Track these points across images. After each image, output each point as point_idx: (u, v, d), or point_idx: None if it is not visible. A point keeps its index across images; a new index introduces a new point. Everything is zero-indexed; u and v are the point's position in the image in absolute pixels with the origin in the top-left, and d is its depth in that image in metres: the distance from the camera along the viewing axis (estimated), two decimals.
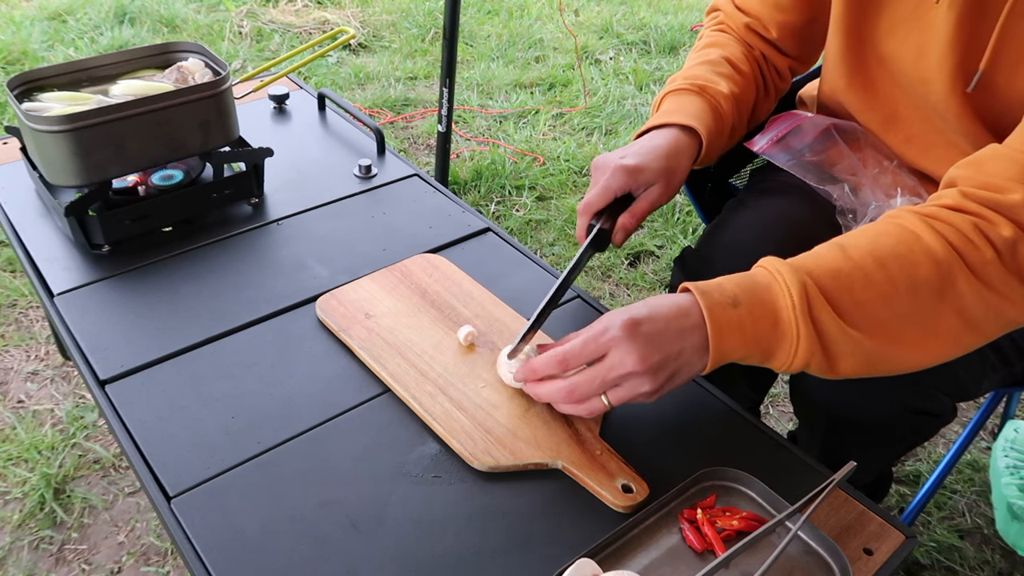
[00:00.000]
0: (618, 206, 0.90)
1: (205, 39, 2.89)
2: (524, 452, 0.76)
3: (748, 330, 0.69)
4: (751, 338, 0.69)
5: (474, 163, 2.27)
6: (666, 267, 1.95)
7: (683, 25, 3.20)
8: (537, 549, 0.69)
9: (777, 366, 0.71)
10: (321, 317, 0.91)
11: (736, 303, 0.69)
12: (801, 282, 0.68)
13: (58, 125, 0.93)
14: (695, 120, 0.92)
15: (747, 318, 0.69)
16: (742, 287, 0.70)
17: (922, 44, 0.84)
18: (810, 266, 0.70)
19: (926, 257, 0.69)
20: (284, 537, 0.69)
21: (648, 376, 0.69)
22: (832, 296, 0.68)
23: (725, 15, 1.04)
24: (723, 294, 0.70)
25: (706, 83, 0.95)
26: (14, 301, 1.71)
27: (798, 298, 0.68)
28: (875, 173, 0.96)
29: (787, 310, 0.68)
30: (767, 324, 0.69)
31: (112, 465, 1.38)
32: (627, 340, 0.69)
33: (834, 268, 0.70)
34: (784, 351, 0.69)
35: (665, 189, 0.90)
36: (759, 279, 0.71)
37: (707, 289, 0.70)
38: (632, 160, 0.88)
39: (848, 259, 0.70)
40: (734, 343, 0.69)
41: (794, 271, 0.69)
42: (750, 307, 0.69)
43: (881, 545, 0.71)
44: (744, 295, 0.70)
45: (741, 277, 0.72)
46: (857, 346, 0.69)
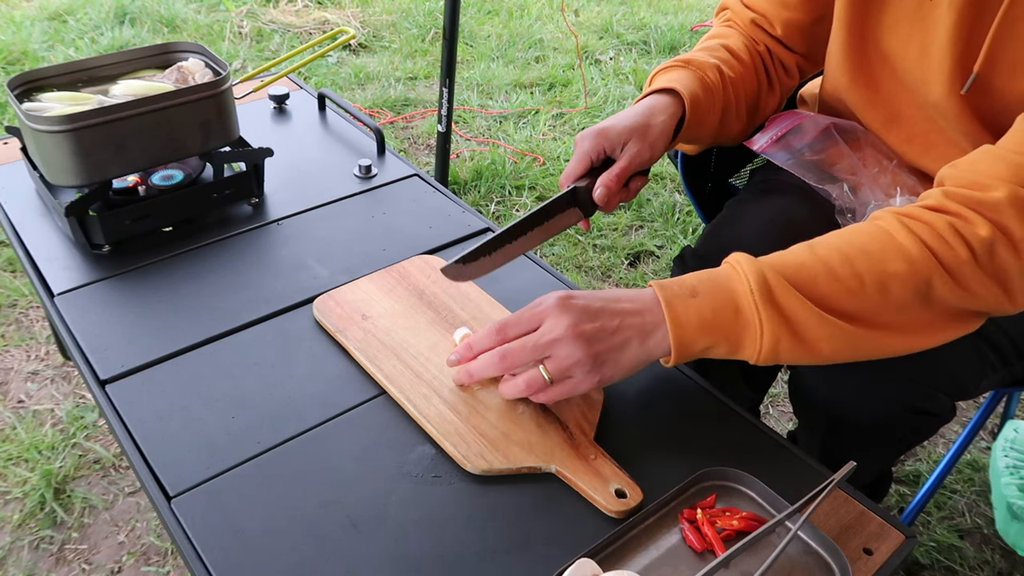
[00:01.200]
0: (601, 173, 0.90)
1: (205, 39, 2.89)
2: (517, 456, 0.75)
3: (708, 319, 0.70)
4: (712, 327, 0.70)
5: (474, 163, 2.27)
6: (666, 267, 1.95)
7: (683, 25, 3.20)
8: (537, 549, 0.69)
9: (749, 356, 0.72)
10: (318, 318, 0.91)
11: (694, 293, 0.71)
12: (759, 270, 0.70)
13: (58, 125, 0.93)
14: (675, 83, 0.92)
15: (706, 307, 0.70)
16: (701, 279, 0.72)
17: (924, 43, 0.84)
18: (773, 260, 0.71)
19: (897, 255, 0.69)
20: (284, 537, 0.69)
21: (580, 344, 0.71)
22: (797, 284, 0.69)
23: (732, 12, 1.05)
24: (682, 286, 0.72)
25: (693, 58, 0.97)
26: (14, 301, 1.71)
27: (756, 284, 0.69)
28: (875, 173, 0.96)
29: (745, 296, 0.69)
30: (728, 313, 0.70)
31: (112, 465, 1.38)
32: (560, 308, 0.72)
33: (797, 262, 0.71)
34: (750, 339, 0.70)
35: (642, 144, 0.90)
36: (720, 272, 0.73)
37: (666, 283, 0.72)
38: (600, 124, 0.91)
39: (813, 255, 0.71)
40: (693, 332, 0.70)
41: (754, 262, 0.71)
42: (709, 296, 0.71)
43: (881, 545, 0.71)
44: (703, 286, 0.71)
45: (703, 272, 0.73)
46: (834, 328, 0.69)
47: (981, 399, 1.31)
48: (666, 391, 0.86)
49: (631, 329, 0.71)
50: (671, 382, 0.87)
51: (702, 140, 1.00)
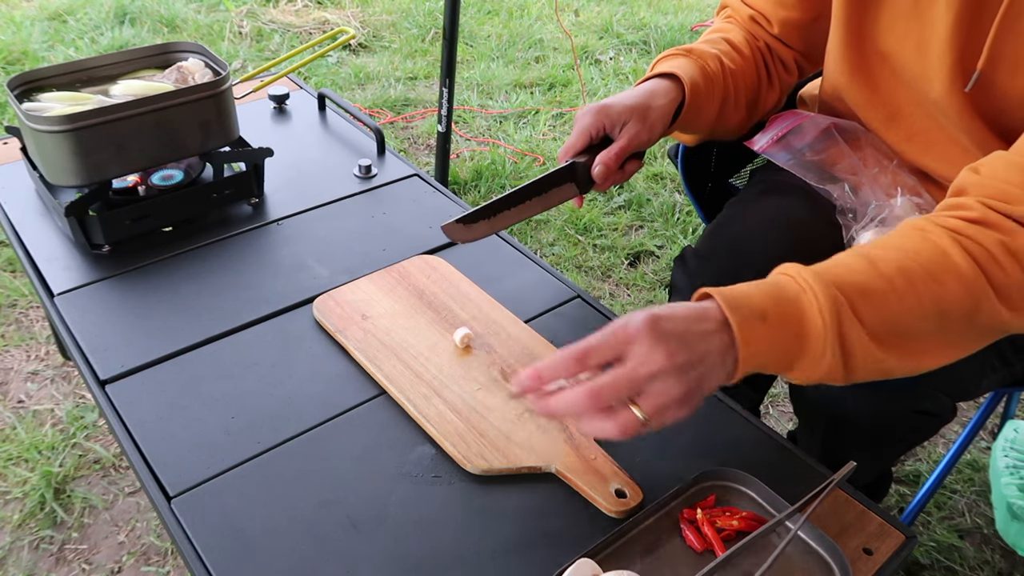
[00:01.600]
0: (600, 150, 0.90)
1: (205, 39, 2.89)
2: (518, 456, 0.75)
3: (777, 346, 0.65)
4: (778, 354, 0.66)
5: (474, 163, 2.27)
6: (666, 267, 1.95)
7: (683, 25, 3.20)
8: (537, 549, 0.69)
9: (794, 377, 0.68)
10: (318, 318, 0.91)
11: (764, 316, 0.65)
12: (833, 298, 0.65)
13: (58, 125, 0.93)
14: (676, 69, 0.93)
15: (776, 334, 0.65)
16: (770, 298, 0.66)
17: (922, 41, 0.84)
18: (841, 279, 0.66)
19: (954, 278, 0.66)
20: (284, 537, 0.69)
21: (677, 376, 0.62)
22: (862, 314, 0.65)
23: (732, 9, 1.05)
24: (751, 307, 0.65)
25: (694, 47, 0.97)
26: (14, 301, 1.71)
27: (830, 317, 0.64)
28: (875, 172, 0.96)
29: (817, 327, 0.64)
30: (795, 339, 0.65)
31: (112, 465, 1.38)
32: (651, 334, 0.62)
33: (864, 284, 0.66)
34: (807, 364, 0.66)
35: (641, 125, 0.90)
36: (787, 289, 0.66)
37: (734, 301, 0.65)
38: (602, 101, 0.90)
39: (879, 275, 0.67)
40: (761, 360, 0.65)
41: (825, 285, 0.65)
42: (780, 322, 0.65)
43: (881, 545, 0.71)
44: (772, 308, 0.65)
45: (768, 287, 0.67)
46: (877, 363, 0.67)
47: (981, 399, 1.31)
48: None
49: (715, 354, 0.64)
50: None
51: (700, 129, 1.00)
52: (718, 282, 0.96)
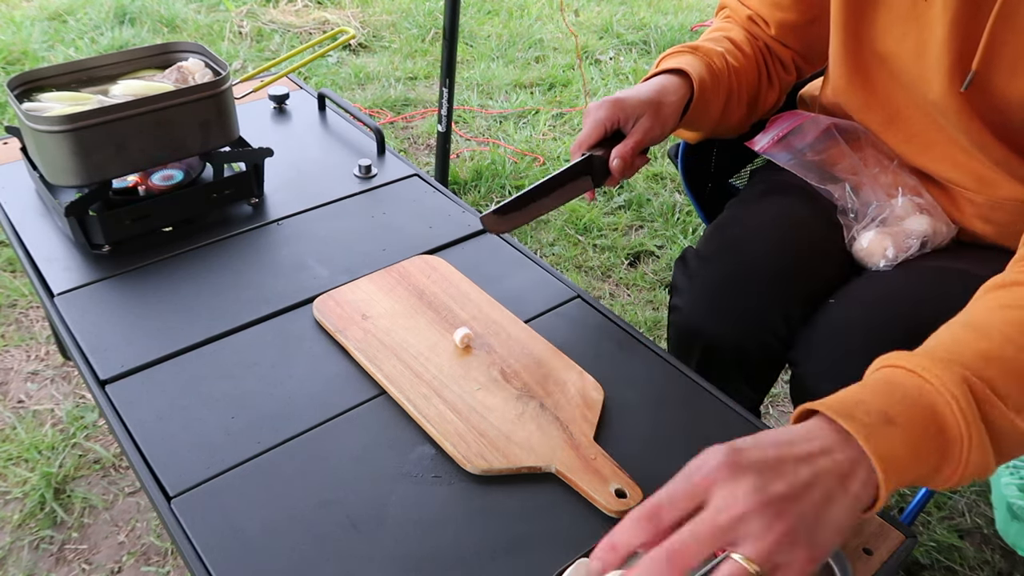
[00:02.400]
0: (611, 145, 0.91)
1: (205, 39, 2.89)
2: (518, 456, 0.75)
3: (918, 449, 0.55)
4: (923, 458, 0.55)
5: (474, 163, 2.27)
6: (666, 267, 1.95)
7: (683, 25, 3.20)
8: (537, 549, 0.69)
9: (940, 483, 0.58)
10: (318, 318, 0.91)
11: (889, 420, 0.55)
12: (963, 379, 0.55)
13: (58, 125, 0.93)
14: (684, 65, 0.94)
15: (912, 435, 0.55)
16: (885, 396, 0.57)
17: (920, 43, 0.84)
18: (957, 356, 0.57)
19: None
20: (284, 537, 0.69)
21: (774, 515, 0.51)
22: (994, 385, 0.56)
23: (731, 9, 1.06)
24: (867, 412, 0.55)
25: (700, 45, 0.98)
26: (14, 301, 1.71)
27: (965, 402, 0.55)
28: (876, 173, 0.96)
29: (954, 417, 0.55)
30: (933, 438, 0.55)
31: (112, 465, 1.38)
32: (731, 470, 0.52)
33: (980, 353, 0.57)
34: (951, 465, 0.56)
35: (655, 120, 0.91)
36: (902, 382, 0.57)
37: (848, 410, 0.55)
38: (616, 95, 0.91)
39: (987, 337, 0.58)
40: (905, 467, 0.54)
41: (948, 368, 0.56)
42: (909, 420, 0.55)
43: (881, 545, 0.71)
44: (895, 407, 0.56)
45: (874, 385, 0.58)
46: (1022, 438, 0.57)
47: None
48: (666, 391, 0.86)
49: (827, 477, 0.53)
50: (671, 382, 0.87)
51: (704, 126, 1.01)
52: (720, 283, 0.97)
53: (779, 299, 0.94)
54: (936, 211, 0.95)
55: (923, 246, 0.93)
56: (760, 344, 0.94)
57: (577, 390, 0.82)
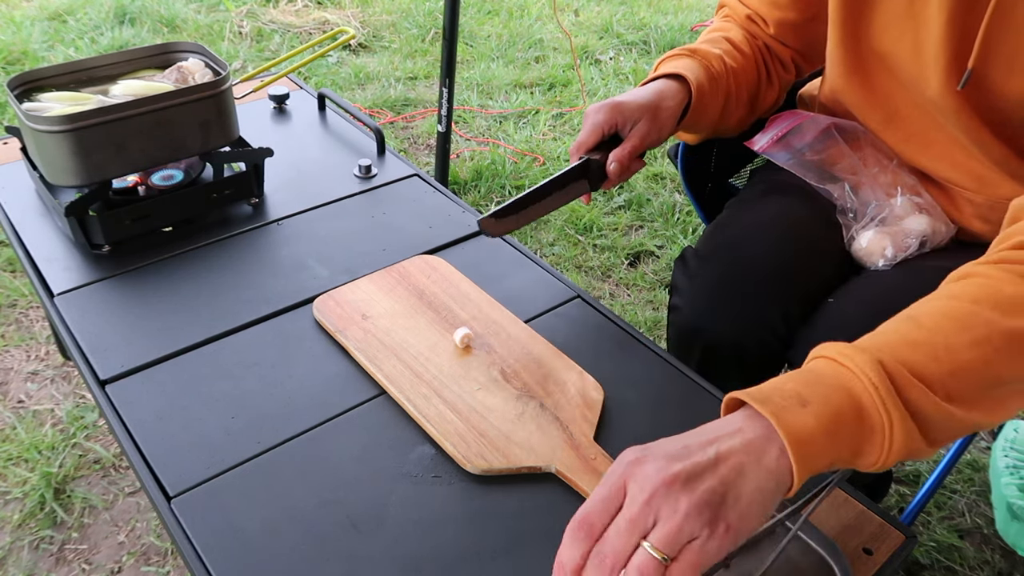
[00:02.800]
0: (609, 149, 0.92)
1: (205, 39, 2.89)
2: (518, 456, 0.75)
3: (831, 429, 0.55)
4: (837, 438, 0.56)
5: (474, 163, 2.27)
6: (666, 267, 1.95)
7: (683, 25, 3.20)
8: (538, 549, 0.69)
9: (867, 464, 0.58)
10: (318, 318, 0.91)
11: (803, 401, 0.56)
12: (877, 361, 0.57)
13: (58, 125, 0.93)
14: (682, 70, 0.94)
15: (825, 415, 0.56)
16: (802, 382, 0.58)
17: (917, 41, 0.84)
18: (878, 343, 0.59)
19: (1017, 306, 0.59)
20: (284, 537, 0.69)
21: (680, 491, 0.52)
22: (918, 371, 0.57)
23: (730, 8, 1.06)
24: (784, 395, 0.57)
25: (698, 48, 0.98)
26: (14, 301, 1.71)
27: (879, 380, 0.56)
28: (875, 172, 0.96)
29: (869, 397, 0.56)
30: (851, 418, 0.56)
31: (112, 465, 1.38)
32: (637, 464, 0.55)
33: (909, 340, 0.58)
34: (875, 445, 0.57)
35: (652, 124, 0.92)
36: (821, 370, 0.59)
37: (763, 395, 0.57)
38: (615, 98, 0.92)
39: (921, 327, 0.59)
40: (818, 447, 0.55)
41: (860, 351, 0.58)
42: (822, 402, 0.56)
43: (881, 545, 0.71)
44: (808, 390, 0.57)
45: (794, 374, 0.59)
46: (959, 421, 0.57)
47: None
48: (666, 391, 0.86)
49: (736, 453, 0.54)
50: (671, 382, 0.87)
51: (703, 128, 1.01)
52: (719, 283, 0.97)
53: (778, 298, 0.94)
54: (935, 211, 0.95)
55: (922, 246, 0.94)
56: (759, 343, 0.94)
57: (577, 390, 0.83)
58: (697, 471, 0.53)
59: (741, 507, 0.53)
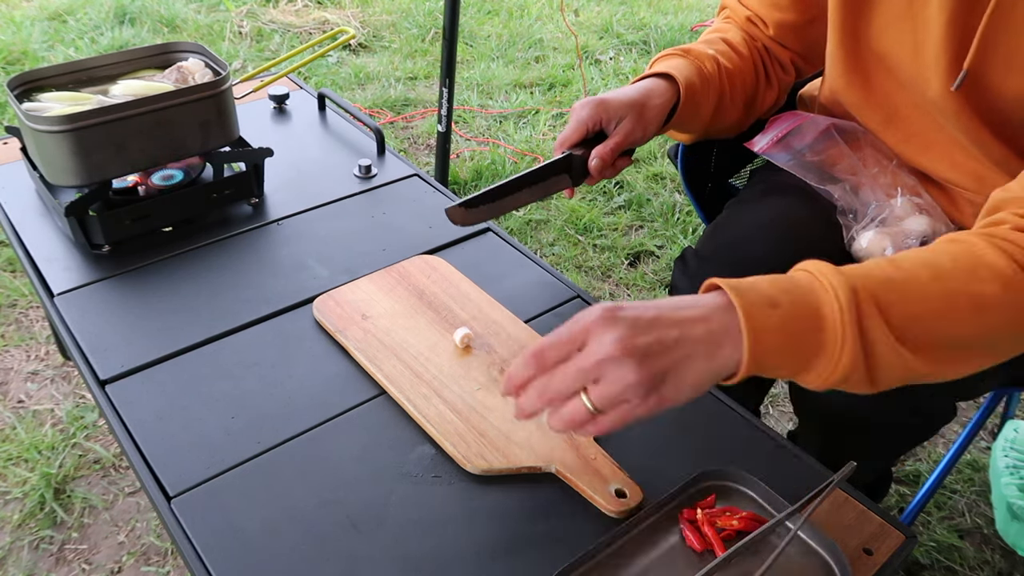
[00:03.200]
0: (595, 144, 0.93)
1: (205, 39, 2.89)
2: (517, 456, 0.75)
3: (791, 334, 0.59)
4: (793, 344, 0.60)
5: (474, 163, 2.27)
6: (666, 267, 1.95)
7: (683, 25, 3.20)
8: (537, 549, 0.69)
9: (811, 380, 0.62)
10: (318, 318, 0.91)
11: (775, 303, 0.59)
12: (850, 285, 0.60)
13: (58, 125, 0.93)
14: (672, 69, 0.94)
15: (789, 320, 0.59)
16: (780, 288, 0.61)
17: (917, 42, 0.84)
18: (859, 272, 0.62)
19: (991, 274, 0.62)
20: (284, 537, 0.69)
21: (633, 362, 0.57)
22: (884, 306, 0.60)
23: (730, 10, 1.06)
24: (759, 293, 0.60)
25: (692, 48, 0.99)
26: (14, 301, 1.71)
27: (846, 301, 0.59)
28: (875, 173, 0.96)
29: (833, 315, 0.59)
30: (810, 329, 0.59)
31: (112, 465, 1.38)
32: (605, 321, 0.59)
33: (885, 276, 0.62)
34: (824, 362, 0.60)
35: (637, 123, 0.92)
36: (800, 280, 0.62)
37: (741, 287, 0.60)
38: (601, 95, 0.92)
39: (899, 269, 0.62)
40: (774, 345, 0.59)
41: (841, 274, 0.61)
42: (791, 308, 0.59)
43: (881, 545, 0.71)
44: (784, 296, 0.60)
45: (778, 278, 0.63)
46: (903, 364, 0.61)
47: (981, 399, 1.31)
48: None
49: (695, 341, 0.58)
50: None
51: (695, 129, 1.02)
52: None
53: None
54: (935, 211, 0.95)
55: (922, 246, 0.93)
56: None
57: None
58: (655, 350, 0.58)
59: (678, 388, 0.59)
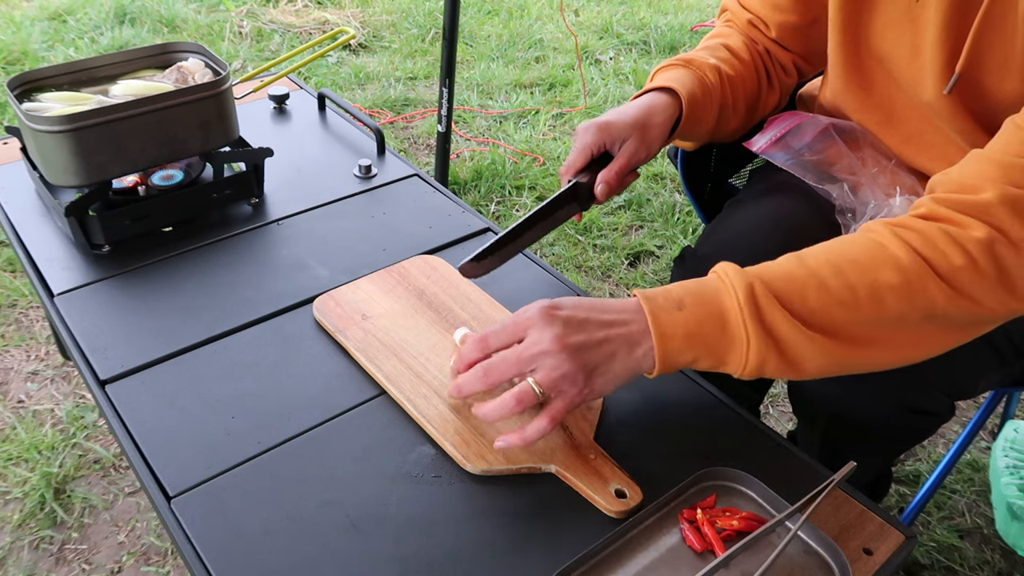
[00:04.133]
0: (599, 167, 0.93)
1: (205, 39, 2.89)
2: (517, 456, 0.75)
3: (694, 332, 0.68)
4: (698, 341, 0.68)
5: (474, 163, 2.27)
6: (666, 267, 1.95)
7: (683, 25, 3.20)
8: (537, 549, 0.69)
9: (732, 370, 0.70)
10: (318, 318, 0.91)
11: (681, 306, 0.69)
12: (748, 283, 0.68)
13: (58, 125, 0.93)
14: (674, 83, 0.94)
15: (692, 320, 0.68)
16: (688, 291, 0.70)
17: (915, 44, 0.84)
18: (761, 270, 0.70)
19: (890, 265, 0.68)
20: (284, 537, 0.69)
21: (566, 357, 0.68)
22: (783, 298, 0.68)
23: (731, 13, 1.06)
24: (668, 298, 0.70)
25: (694, 57, 0.98)
26: (14, 301, 1.71)
27: (744, 297, 0.67)
28: (874, 172, 0.96)
29: (734, 311, 0.67)
30: (714, 327, 0.68)
31: (112, 465, 1.38)
32: (544, 319, 0.69)
33: (786, 273, 0.69)
34: (736, 354, 0.68)
35: (640, 144, 0.92)
36: (708, 282, 0.71)
37: (652, 295, 0.70)
38: (603, 118, 0.92)
39: (803, 265, 0.70)
40: (678, 345, 0.68)
41: (742, 273, 0.69)
42: (695, 309, 0.69)
43: (881, 545, 0.71)
44: (690, 298, 0.69)
45: (691, 282, 0.71)
46: (817, 346, 0.68)
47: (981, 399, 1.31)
48: (666, 391, 0.86)
49: (618, 340, 0.69)
50: (671, 382, 0.87)
51: (698, 138, 1.02)
52: None
53: None
54: None
55: None
56: None
57: None
58: (586, 346, 0.69)
59: (605, 379, 0.70)
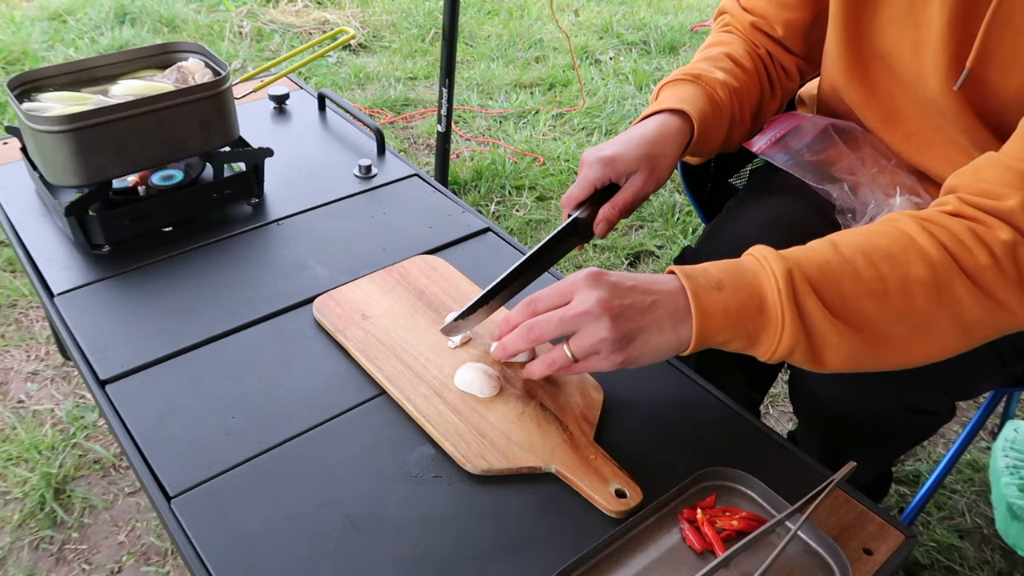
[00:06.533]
0: (603, 197, 0.89)
1: (205, 39, 2.89)
2: (517, 456, 0.75)
3: (733, 313, 0.69)
4: (736, 321, 0.69)
5: (474, 163, 2.27)
6: (666, 267, 1.95)
7: (683, 25, 3.20)
8: (537, 549, 0.69)
9: (761, 353, 0.71)
10: (318, 318, 0.91)
11: (720, 286, 0.69)
12: (787, 268, 0.68)
13: (58, 125, 0.93)
14: (686, 104, 0.91)
15: (732, 301, 0.69)
16: (726, 272, 0.71)
17: (918, 40, 0.84)
18: (799, 256, 0.70)
19: (920, 258, 0.68)
20: (284, 537, 0.69)
21: (608, 320, 0.68)
22: (818, 286, 0.68)
23: (731, 16, 1.05)
24: (708, 278, 0.70)
25: (702, 72, 0.95)
26: (14, 301, 1.71)
27: (783, 282, 0.68)
28: (874, 172, 0.96)
29: (772, 294, 0.68)
30: (753, 308, 0.69)
31: (112, 465, 1.38)
32: (590, 282, 0.70)
33: (822, 260, 0.70)
34: (769, 337, 0.69)
35: (649, 177, 0.88)
36: (745, 264, 0.71)
37: (692, 272, 0.71)
38: (610, 150, 0.88)
39: (838, 253, 0.70)
40: (718, 325, 0.69)
41: (781, 258, 0.70)
42: (735, 290, 0.69)
43: (881, 545, 0.71)
44: (729, 279, 0.70)
45: (727, 263, 0.72)
46: (843, 340, 0.68)
47: (981, 399, 1.31)
48: (666, 391, 0.86)
49: (661, 312, 0.69)
50: (671, 382, 0.87)
51: (705, 155, 1.00)
52: None
53: None
54: None
55: None
56: None
57: (577, 390, 0.83)
58: (629, 312, 0.69)
59: (643, 351, 0.70)
